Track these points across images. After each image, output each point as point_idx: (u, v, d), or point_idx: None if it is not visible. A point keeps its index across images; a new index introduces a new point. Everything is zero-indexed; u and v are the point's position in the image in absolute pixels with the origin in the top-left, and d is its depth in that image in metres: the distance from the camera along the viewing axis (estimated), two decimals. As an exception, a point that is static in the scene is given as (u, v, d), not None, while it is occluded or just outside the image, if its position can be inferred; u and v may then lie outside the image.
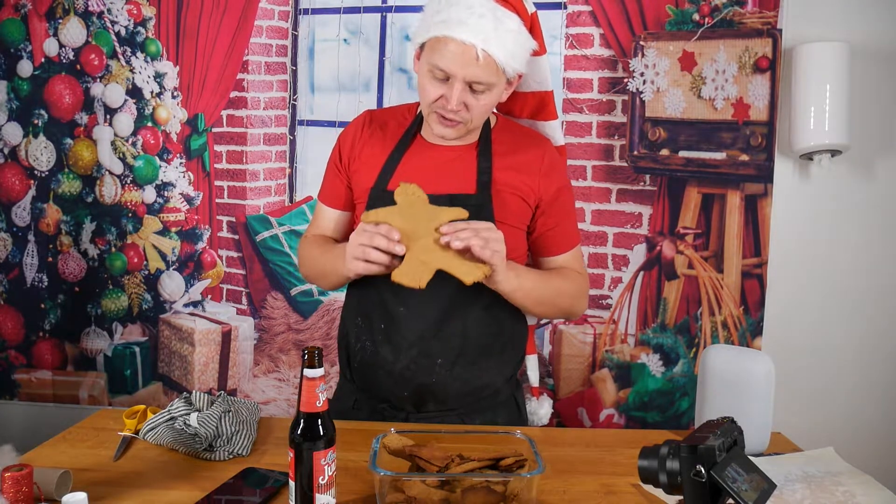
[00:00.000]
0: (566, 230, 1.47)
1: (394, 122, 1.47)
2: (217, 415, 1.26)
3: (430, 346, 1.36)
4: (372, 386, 1.42)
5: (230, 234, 2.42)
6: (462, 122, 1.33)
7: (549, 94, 1.54)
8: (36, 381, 2.52)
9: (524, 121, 1.55)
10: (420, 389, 1.38)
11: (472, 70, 1.27)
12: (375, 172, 1.41)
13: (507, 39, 1.28)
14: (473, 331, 1.38)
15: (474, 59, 1.26)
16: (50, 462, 1.19)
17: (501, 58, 1.27)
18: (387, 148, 1.43)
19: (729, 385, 1.30)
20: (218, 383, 2.46)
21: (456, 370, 1.38)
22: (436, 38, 1.28)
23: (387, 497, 1.03)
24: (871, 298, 2.30)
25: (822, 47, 2.12)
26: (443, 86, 1.30)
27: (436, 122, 1.34)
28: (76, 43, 2.39)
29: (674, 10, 2.21)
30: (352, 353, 1.44)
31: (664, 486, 0.90)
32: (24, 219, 2.47)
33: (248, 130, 2.39)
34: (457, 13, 1.25)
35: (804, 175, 2.28)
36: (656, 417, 2.32)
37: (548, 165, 1.42)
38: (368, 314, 1.41)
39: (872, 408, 2.32)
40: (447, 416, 1.41)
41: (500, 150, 1.41)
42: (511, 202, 1.38)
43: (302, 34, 2.35)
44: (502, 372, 1.45)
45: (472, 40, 1.24)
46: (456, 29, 1.25)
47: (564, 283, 1.43)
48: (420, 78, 1.34)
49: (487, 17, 1.25)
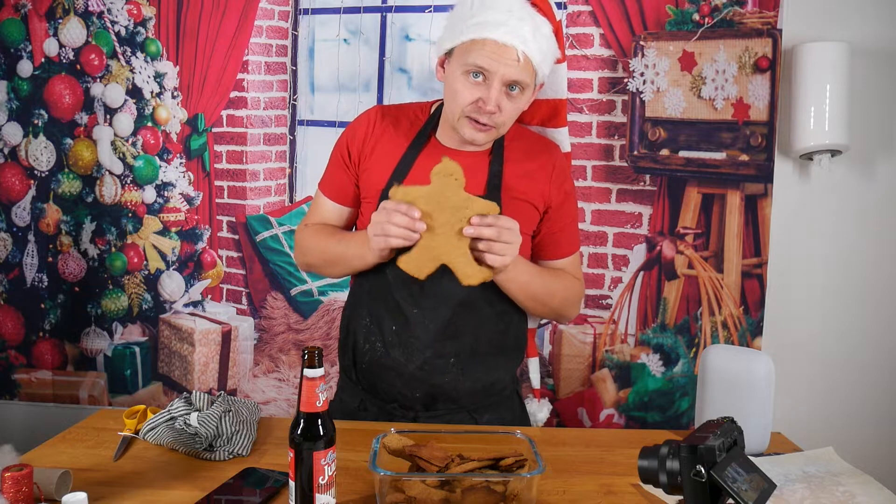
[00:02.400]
0: (568, 235, 1.48)
1: (406, 121, 1.45)
2: (217, 414, 1.26)
3: (444, 347, 1.36)
4: (381, 387, 1.42)
5: (230, 234, 2.42)
6: (495, 126, 1.32)
7: (562, 103, 1.55)
8: (36, 381, 2.52)
9: (534, 127, 1.56)
10: (432, 389, 1.38)
11: (513, 70, 1.27)
12: (388, 172, 1.39)
13: (543, 44, 1.29)
14: (484, 329, 1.39)
15: (515, 59, 1.26)
16: (50, 462, 1.19)
17: (538, 60, 1.28)
18: (400, 147, 1.41)
19: (729, 385, 1.30)
20: (218, 383, 2.46)
21: (468, 369, 1.38)
22: (472, 40, 1.27)
23: (387, 497, 1.03)
24: (872, 298, 2.30)
25: (822, 47, 2.12)
26: (478, 88, 1.29)
27: (467, 126, 1.32)
28: (76, 43, 2.39)
29: (674, 10, 2.21)
30: (359, 354, 1.43)
31: (664, 486, 0.90)
32: (24, 219, 2.47)
33: (248, 130, 2.39)
34: (494, 16, 1.26)
35: (804, 175, 2.28)
36: (656, 417, 2.32)
37: (558, 172, 1.44)
38: (378, 315, 1.39)
39: (872, 408, 2.32)
40: (457, 414, 1.41)
41: (513, 156, 1.41)
42: (521, 208, 1.38)
43: (302, 34, 2.35)
44: (509, 369, 1.47)
45: (513, 41, 1.25)
46: (495, 30, 1.25)
47: (559, 285, 1.44)
48: (451, 83, 1.32)
49: (526, 20, 1.27)
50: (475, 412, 1.42)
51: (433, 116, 1.44)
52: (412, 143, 1.40)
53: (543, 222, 1.44)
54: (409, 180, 1.36)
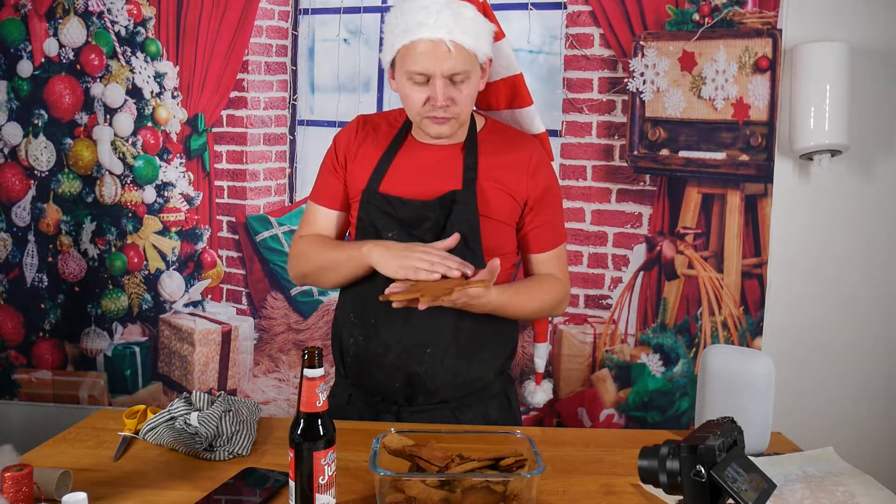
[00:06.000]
0: (552, 228, 1.51)
1: (385, 125, 1.52)
2: (217, 414, 1.26)
3: (420, 335, 1.39)
4: (365, 380, 1.45)
5: (230, 234, 2.42)
6: (453, 116, 1.38)
7: (518, 77, 1.61)
8: (36, 381, 2.52)
9: (504, 113, 1.62)
10: (410, 379, 1.40)
11: (448, 62, 1.32)
12: (368, 173, 1.46)
13: (469, 27, 1.34)
14: (467, 322, 1.40)
15: (446, 51, 1.31)
16: (50, 462, 1.19)
17: (470, 44, 1.33)
18: (379, 149, 1.48)
19: (729, 385, 1.30)
20: (218, 383, 2.46)
21: (447, 361, 1.40)
22: (403, 46, 1.34)
23: (387, 497, 1.03)
24: (872, 298, 2.30)
25: (822, 47, 2.12)
26: (425, 88, 1.35)
27: (430, 125, 1.39)
28: (76, 43, 2.39)
29: (674, 10, 2.21)
30: (345, 350, 1.47)
31: (664, 486, 0.90)
32: (24, 219, 2.47)
33: (248, 130, 2.39)
34: (415, 17, 1.32)
35: (804, 175, 2.28)
36: (656, 417, 2.32)
37: (535, 165, 1.47)
38: (360, 311, 1.44)
39: (872, 408, 2.32)
40: (438, 409, 1.43)
41: (488, 149, 1.46)
42: (497, 198, 1.43)
43: (302, 34, 2.35)
44: (493, 365, 1.48)
45: (439, 35, 1.31)
46: (419, 31, 1.31)
47: (538, 298, 1.47)
48: (401, 90, 1.39)
49: (444, 11, 1.32)
50: (457, 409, 1.44)
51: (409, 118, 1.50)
52: (391, 144, 1.48)
53: (525, 216, 1.47)
54: (389, 176, 1.44)
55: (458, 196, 1.39)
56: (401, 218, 1.41)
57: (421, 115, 1.38)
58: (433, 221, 1.40)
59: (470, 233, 1.39)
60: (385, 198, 1.42)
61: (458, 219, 1.39)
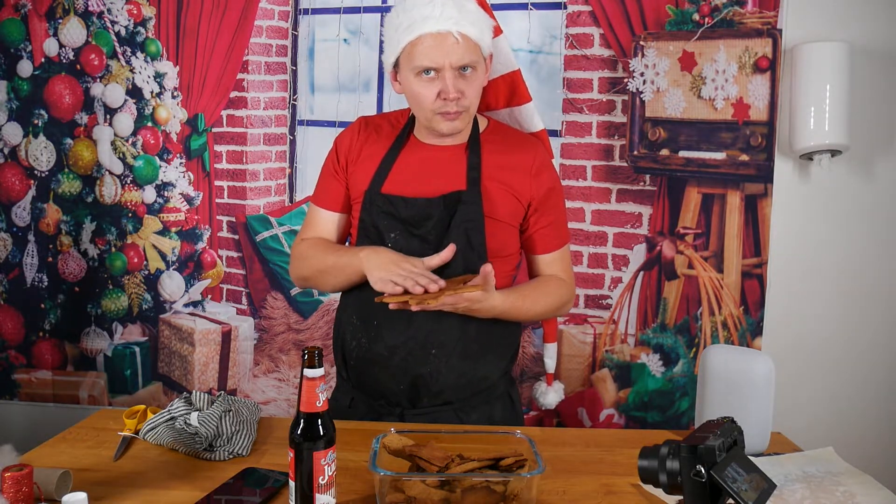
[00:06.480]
0: (556, 229, 1.50)
1: (387, 126, 1.52)
2: (217, 414, 1.26)
3: (426, 337, 1.38)
4: (368, 382, 1.44)
5: (230, 234, 2.42)
6: (464, 110, 1.37)
7: (517, 74, 1.62)
8: (36, 381, 2.52)
9: (502, 112, 1.62)
10: (415, 381, 1.40)
11: (457, 54, 1.33)
12: (370, 174, 1.45)
13: (472, 18, 1.35)
14: (472, 323, 1.39)
15: (454, 42, 1.32)
16: (50, 462, 1.19)
17: (475, 35, 1.34)
18: (382, 149, 1.47)
19: (729, 385, 1.30)
20: (218, 383, 2.46)
21: (452, 362, 1.39)
22: (409, 42, 1.33)
23: (387, 497, 1.03)
24: (872, 298, 2.30)
25: (822, 47, 2.12)
26: (434, 83, 1.35)
27: (441, 121, 1.38)
28: (76, 43, 2.39)
29: (674, 10, 2.21)
30: (347, 352, 1.46)
31: (664, 486, 0.90)
32: (24, 219, 2.47)
33: (248, 130, 2.39)
34: (420, 12, 1.32)
35: (804, 175, 2.28)
36: (656, 417, 2.32)
37: (539, 166, 1.47)
38: (363, 314, 1.43)
39: (872, 408, 2.32)
40: (442, 410, 1.42)
41: (491, 149, 1.46)
42: (501, 198, 1.43)
43: (302, 34, 2.35)
44: (498, 366, 1.47)
45: (445, 27, 1.31)
46: (425, 24, 1.32)
47: (543, 300, 1.47)
48: (409, 89, 1.39)
49: (449, 4, 1.32)
50: (462, 410, 1.43)
51: (412, 118, 1.50)
52: (393, 144, 1.47)
53: (530, 217, 1.47)
54: (392, 177, 1.43)
55: (463, 196, 1.39)
56: (403, 218, 1.40)
57: (433, 111, 1.37)
58: (436, 220, 1.39)
59: (474, 233, 1.38)
60: (388, 198, 1.41)
61: (462, 218, 1.38)
